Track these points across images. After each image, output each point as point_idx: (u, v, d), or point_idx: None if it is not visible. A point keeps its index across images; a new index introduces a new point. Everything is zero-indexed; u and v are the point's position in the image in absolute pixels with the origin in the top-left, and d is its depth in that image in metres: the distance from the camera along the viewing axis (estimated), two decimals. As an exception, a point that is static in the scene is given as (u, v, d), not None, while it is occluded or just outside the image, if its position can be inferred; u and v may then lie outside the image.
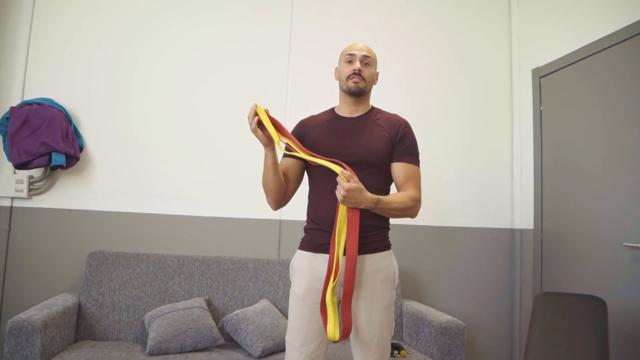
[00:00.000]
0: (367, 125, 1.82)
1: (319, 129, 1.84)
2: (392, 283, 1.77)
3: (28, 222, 2.78)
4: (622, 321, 2.43)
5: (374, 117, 1.85)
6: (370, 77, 1.83)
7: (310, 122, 1.89)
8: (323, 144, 1.78)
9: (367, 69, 1.81)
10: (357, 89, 1.79)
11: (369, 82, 1.82)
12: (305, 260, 1.77)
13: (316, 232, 1.76)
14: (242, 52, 3.13)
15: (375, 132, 1.80)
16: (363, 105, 1.87)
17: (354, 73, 1.78)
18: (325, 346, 1.75)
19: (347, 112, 1.86)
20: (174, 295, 2.68)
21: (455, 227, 3.30)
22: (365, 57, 1.81)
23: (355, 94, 1.81)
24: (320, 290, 1.68)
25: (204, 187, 3.00)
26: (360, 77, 1.79)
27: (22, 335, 2.07)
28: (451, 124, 3.38)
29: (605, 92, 2.65)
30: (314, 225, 1.78)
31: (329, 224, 1.69)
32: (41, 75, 2.88)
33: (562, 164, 2.97)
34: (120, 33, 3.00)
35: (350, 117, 1.85)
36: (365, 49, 1.83)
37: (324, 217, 1.73)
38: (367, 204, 1.62)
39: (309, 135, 1.83)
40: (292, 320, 1.75)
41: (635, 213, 2.43)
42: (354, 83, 1.78)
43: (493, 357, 3.27)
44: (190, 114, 3.03)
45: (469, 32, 3.48)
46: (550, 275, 3.01)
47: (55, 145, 2.63)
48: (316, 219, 1.78)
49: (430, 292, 3.21)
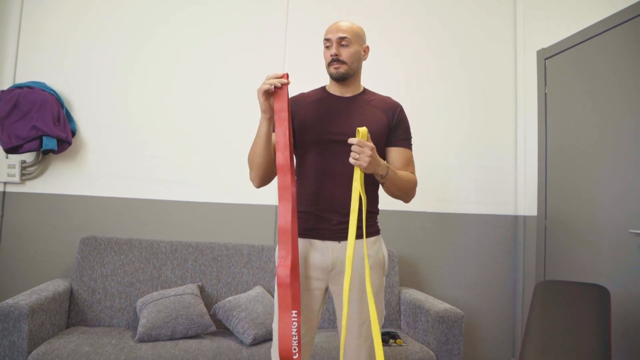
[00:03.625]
0: (360, 105, 1.75)
1: (310, 107, 1.75)
2: (382, 269, 1.71)
3: (21, 207, 2.75)
4: (626, 310, 2.35)
5: (367, 99, 1.78)
6: (351, 57, 1.71)
7: (301, 99, 1.80)
8: (314, 121, 1.71)
9: (346, 50, 1.70)
10: (338, 74, 1.71)
11: (351, 63, 1.71)
12: None
13: (302, 216, 1.68)
14: (240, 40, 3.05)
15: (368, 113, 1.73)
16: (354, 85, 1.79)
17: (332, 59, 1.70)
18: (313, 332, 1.70)
19: (338, 92, 1.79)
20: (167, 281, 2.64)
21: (457, 214, 3.22)
22: (340, 38, 1.69)
23: (338, 79, 1.73)
24: (307, 277, 1.64)
25: (198, 172, 2.94)
26: (339, 62, 1.69)
27: (9, 321, 2.04)
28: (453, 108, 3.29)
29: (611, 73, 2.54)
30: (302, 208, 1.69)
31: (316, 205, 1.64)
32: (33, 59, 2.83)
33: (567, 148, 2.87)
34: (114, 17, 2.93)
35: (342, 97, 1.77)
36: (341, 29, 1.71)
37: (311, 196, 1.66)
38: (382, 168, 1.55)
39: (299, 112, 1.74)
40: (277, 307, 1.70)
41: (642, 199, 2.33)
42: (334, 69, 1.70)
43: (494, 346, 3.21)
44: (186, 100, 2.97)
45: (473, 13, 3.37)
46: (554, 263, 2.93)
47: (46, 129, 2.59)
48: (302, 200, 1.69)
49: (430, 280, 3.15)
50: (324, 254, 1.65)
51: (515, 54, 3.38)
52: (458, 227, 3.23)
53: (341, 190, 1.64)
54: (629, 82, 2.43)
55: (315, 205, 1.67)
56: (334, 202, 1.65)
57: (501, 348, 3.21)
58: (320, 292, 1.68)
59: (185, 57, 2.99)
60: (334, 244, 1.66)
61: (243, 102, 3.00)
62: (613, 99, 2.53)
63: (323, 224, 1.65)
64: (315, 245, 1.66)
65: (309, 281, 1.66)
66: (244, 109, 3.00)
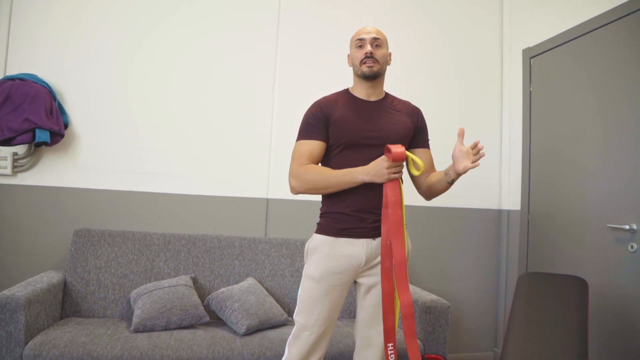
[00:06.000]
0: (387, 110, 1.85)
1: (344, 109, 1.82)
2: None
3: (13, 199, 2.76)
4: (603, 301, 2.47)
5: (391, 103, 1.89)
6: (383, 58, 1.83)
7: (332, 100, 1.85)
8: (348, 122, 1.78)
9: (379, 51, 1.81)
10: (371, 72, 1.79)
11: (382, 64, 1.82)
12: (325, 244, 1.78)
13: (337, 216, 1.78)
14: (233, 37, 3.07)
15: (395, 117, 1.84)
16: (379, 88, 1.88)
17: (366, 57, 1.78)
18: (333, 326, 1.81)
19: (364, 95, 1.86)
20: (160, 273, 2.68)
21: (442, 207, 3.31)
22: (374, 39, 1.81)
23: (370, 77, 1.81)
24: (338, 274, 1.75)
25: (191, 165, 2.98)
26: (373, 59, 1.79)
27: (6, 312, 2.06)
28: (440, 105, 3.36)
29: (595, 72, 2.63)
30: (335, 209, 1.79)
31: (353, 206, 1.74)
32: (25, 51, 2.81)
33: (550, 145, 2.97)
34: (109, 10, 2.92)
35: (368, 100, 1.85)
36: (374, 31, 1.83)
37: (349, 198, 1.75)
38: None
39: (335, 113, 1.80)
40: (305, 301, 1.78)
41: (620, 195, 2.44)
42: (367, 67, 1.79)
43: (478, 336, 3.32)
44: (179, 93, 2.99)
45: (459, 11, 3.44)
46: (536, 256, 3.04)
47: (39, 121, 2.59)
48: (339, 202, 1.77)
49: (416, 272, 3.24)
50: (359, 251, 1.75)
51: (501, 52, 3.47)
52: (444, 221, 3.32)
53: (374, 191, 1.72)
54: (611, 81, 2.53)
55: (351, 207, 1.75)
56: (369, 202, 1.74)
57: (485, 337, 3.33)
58: (347, 287, 1.79)
59: (180, 52, 3.01)
60: (369, 241, 1.76)
61: (236, 98, 3.04)
62: (595, 98, 2.63)
63: (359, 223, 1.75)
64: (351, 243, 1.75)
65: (339, 277, 1.75)
66: (238, 104, 3.04)
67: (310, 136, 1.80)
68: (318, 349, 1.76)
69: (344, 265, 1.75)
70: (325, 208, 1.84)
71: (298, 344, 1.75)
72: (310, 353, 1.75)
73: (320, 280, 1.75)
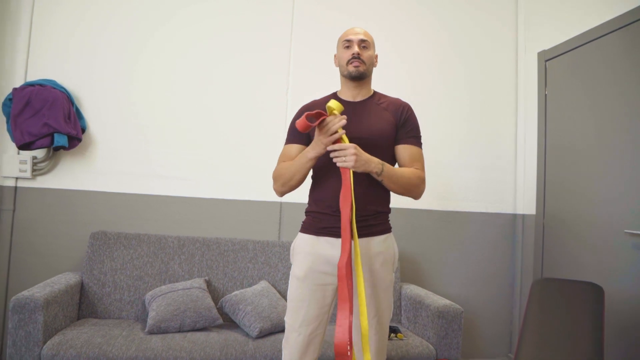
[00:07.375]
0: (372, 108, 1.83)
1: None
2: (392, 265, 1.80)
3: (32, 202, 2.82)
4: (620, 308, 2.42)
5: (377, 101, 1.86)
6: (370, 59, 1.84)
7: (317, 104, 1.88)
8: None
9: (366, 52, 1.82)
10: (357, 72, 1.80)
11: (368, 65, 1.83)
12: (307, 243, 1.78)
13: (318, 216, 1.78)
14: (245, 39, 3.11)
15: (380, 116, 1.81)
16: (365, 89, 1.87)
17: (353, 57, 1.79)
18: (324, 327, 1.77)
19: (350, 96, 1.86)
20: (174, 275, 2.72)
21: (457, 212, 3.29)
22: (362, 40, 1.81)
23: (356, 78, 1.81)
24: (321, 272, 1.72)
25: (205, 168, 3.01)
26: (360, 60, 1.79)
27: (25, 312, 2.11)
28: (455, 108, 3.35)
29: (611, 75, 2.60)
30: (317, 209, 1.79)
31: (333, 206, 1.71)
32: (44, 57, 2.88)
33: (566, 149, 2.94)
34: (125, 16, 2.98)
35: (353, 101, 1.85)
36: (362, 32, 1.84)
37: (328, 198, 1.74)
38: (374, 164, 1.63)
39: None
40: (291, 301, 1.77)
41: (637, 200, 2.40)
42: (354, 67, 1.79)
43: (492, 342, 3.29)
44: (193, 97, 3.03)
45: (475, 14, 3.43)
46: (551, 261, 3.00)
47: (57, 126, 2.65)
48: (319, 201, 1.78)
49: (430, 276, 3.22)
50: (338, 250, 1.71)
51: (516, 55, 3.44)
52: (458, 225, 3.30)
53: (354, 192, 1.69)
54: (627, 84, 2.49)
55: (331, 207, 1.74)
56: None
57: (498, 343, 3.30)
58: (333, 287, 1.75)
59: (192, 57, 3.05)
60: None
61: (252, 102, 3.07)
62: (611, 101, 2.59)
63: (338, 222, 1.70)
64: (330, 242, 1.73)
65: (322, 276, 1.73)
66: (253, 108, 3.07)
67: (293, 140, 1.84)
68: (308, 351, 1.72)
69: (325, 265, 1.72)
70: (308, 207, 1.85)
71: (289, 345, 1.74)
72: (302, 355, 1.71)
73: (305, 279, 1.73)
